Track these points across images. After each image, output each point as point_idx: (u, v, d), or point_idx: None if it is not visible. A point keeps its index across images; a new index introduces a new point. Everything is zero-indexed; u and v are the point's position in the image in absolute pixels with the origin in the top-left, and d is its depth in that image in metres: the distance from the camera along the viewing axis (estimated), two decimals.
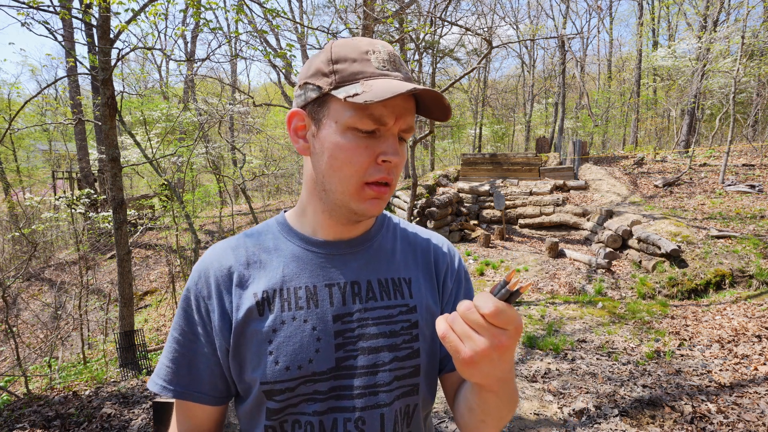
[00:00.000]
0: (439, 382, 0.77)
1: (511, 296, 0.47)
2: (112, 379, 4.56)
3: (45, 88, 5.72)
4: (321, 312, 0.67)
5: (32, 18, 5.00)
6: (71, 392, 4.09)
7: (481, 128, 20.97)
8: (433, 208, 9.41)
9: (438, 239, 0.80)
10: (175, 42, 16.50)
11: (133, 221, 12.08)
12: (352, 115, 0.61)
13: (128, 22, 4.53)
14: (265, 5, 5.41)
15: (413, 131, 0.66)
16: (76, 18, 4.96)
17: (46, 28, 5.12)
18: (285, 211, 0.78)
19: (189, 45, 17.45)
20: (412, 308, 0.71)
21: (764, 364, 3.72)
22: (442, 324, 0.50)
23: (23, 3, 4.31)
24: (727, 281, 5.95)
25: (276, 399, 0.65)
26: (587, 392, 3.44)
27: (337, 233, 0.72)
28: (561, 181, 10.81)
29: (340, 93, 0.60)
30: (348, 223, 0.71)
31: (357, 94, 0.58)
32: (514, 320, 0.47)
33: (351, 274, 0.70)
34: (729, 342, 4.27)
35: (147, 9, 4.73)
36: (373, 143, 0.62)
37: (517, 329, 0.48)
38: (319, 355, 0.66)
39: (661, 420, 3.02)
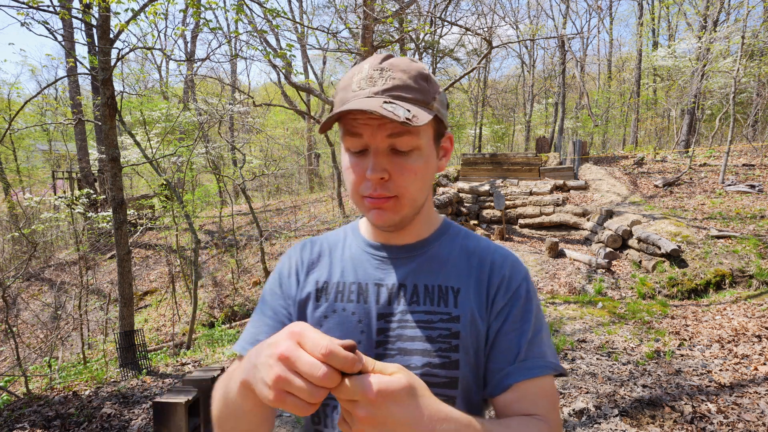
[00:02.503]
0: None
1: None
2: (112, 379, 4.56)
3: (45, 88, 5.73)
4: (367, 308, 0.73)
5: (32, 18, 5.00)
6: (71, 392, 4.09)
7: (481, 128, 20.98)
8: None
9: (502, 254, 0.77)
10: (175, 42, 16.51)
11: (133, 221, 12.07)
12: (342, 136, 0.67)
13: (128, 21, 4.53)
14: (265, 5, 5.41)
15: (411, 137, 0.65)
16: (76, 18, 4.96)
17: (46, 28, 5.12)
18: (360, 217, 0.85)
19: (189, 45, 17.45)
20: (455, 318, 0.70)
21: (764, 364, 3.72)
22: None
23: (23, 3, 4.31)
24: (727, 281, 5.95)
25: None
26: (587, 392, 3.44)
27: (387, 238, 0.78)
28: (561, 181, 10.81)
29: (324, 124, 0.66)
30: (386, 230, 0.75)
31: (327, 120, 0.65)
32: (360, 389, 0.45)
33: (399, 277, 0.74)
34: (729, 342, 4.27)
35: (147, 9, 4.73)
36: (363, 161, 0.67)
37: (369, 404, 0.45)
38: (361, 347, 0.70)
39: (661, 420, 3.02)
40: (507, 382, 0.67)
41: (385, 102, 0.61)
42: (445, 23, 10.93)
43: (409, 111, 0.61)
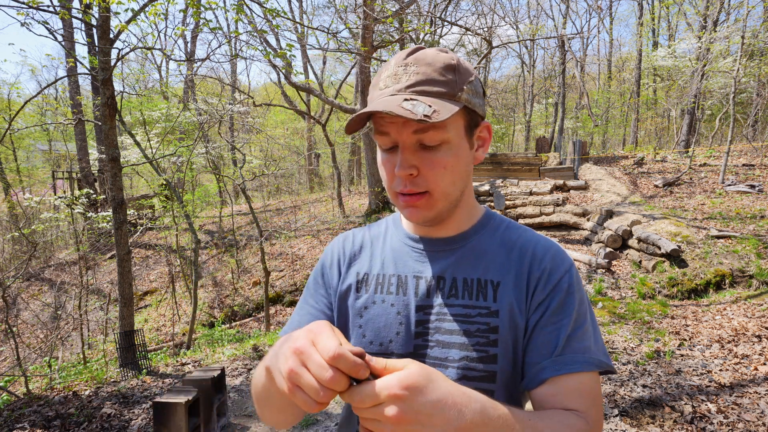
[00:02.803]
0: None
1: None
2: (112, 379, 4.56)
3: (45, 88, 5.74)
4: (406, 300, 0.74)
5: (32, 18, 5.00)
6: (71, 392, 4.09)
7: None
8: None
9: (545, 246, 0.74)
10: (175, 42, 16.52)
11: (133, 221, 12.07)
12: (374, 135, 0.70)
13: (128, 22, 4.53)
14: (265, 5, 5.41)
15: (437, 131, 0.65)
16: (76, 18, 4.96)
17: (46, 28, 5.12)
18: None
19: (189, 45, 17.45)
20: (494, 312, 0.69)
21: (764, 364, 3.72)
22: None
23: (23, 3, 4.31)
24: (727, 281, 5.95)
25: None
26: None
27: (426, 231, 0.78)
28: (561, 181, 10.81)
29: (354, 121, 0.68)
30: (424, 224, 0.76)
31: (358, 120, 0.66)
32: (373, 394, 0.45)
33: (438, 270, 0.74)
34: (729, 342, 4.27)
35: (147, 9, 4.73)
36: (393, 158, 0.68)
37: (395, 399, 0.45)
38: (399, 337, 0.72)
39: (661, 420, 3.01)
40: (542, 376, 0.66)
41: (406, 99, 0.62)
42: (445, 23, 10.93)
43: (430, 107, 0.61)
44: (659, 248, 6.56)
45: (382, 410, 0.44)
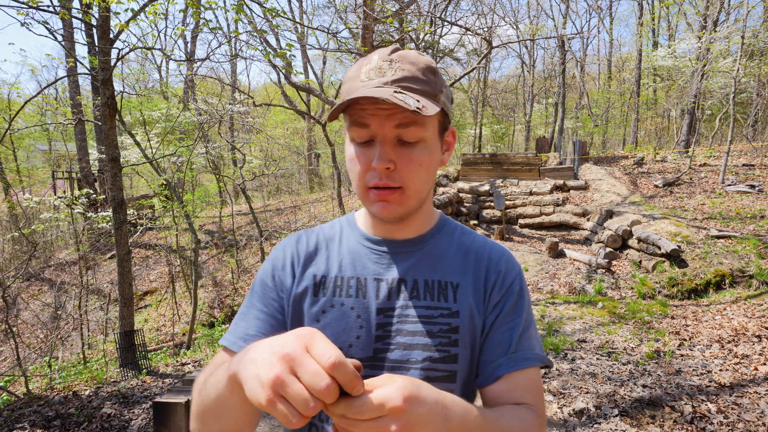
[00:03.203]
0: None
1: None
2: (112, 379, 4.56)
3: (45, 88, 5.73)
4: (367, 303, 0.72)
5: (32, 18, 5.00)
6: (71, 392, 4.09)
7: (481, 128, 20.97)
8: None
9: (498, 251, 0.78)
10: (175, 42, 16.50)
11: (133, 221, 12.07)
12: (348, 127, 0.68)
13: (128, 21, 4.53)
14: (265, 5, 5.41)
15: (418, 128, 0.65)
16: (76, 18, 4.96)
17: (46, 28, 5.12)
18: (356, 210, 0.86)
19: (189, 45, 17.44)
20: (455, 313, 0.71)
21: (764, 364, 3.72)
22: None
23: (23, 3, 4.31)
24: (727, 281, 5.95)
25: None
26: (587, 392, 3.44)
27: (386, 232, 0.77)
28: (561, 181, 10.81)
29: (332, 113, 0.66)
30: (388, 224, 0.75)
31: (334, 110, 0.65)
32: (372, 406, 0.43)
33: (399, 272, 0.74)
34: (729, 342, 4.27)
35: (147, 9, 4.73)
36: (369, 151, 0.67)
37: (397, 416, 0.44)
38: (360, 341, 0.71)
39: (661, 420, 3.01)
40: (498, 372, 0.69)
41: (396, 92, 0.62)
42: (445, 23, 10.93)
43: (418, 101, 0.62)
44: (659, 248, 6.56)
45: (383, 424, 0.43)
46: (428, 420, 0.47)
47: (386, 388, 0.45)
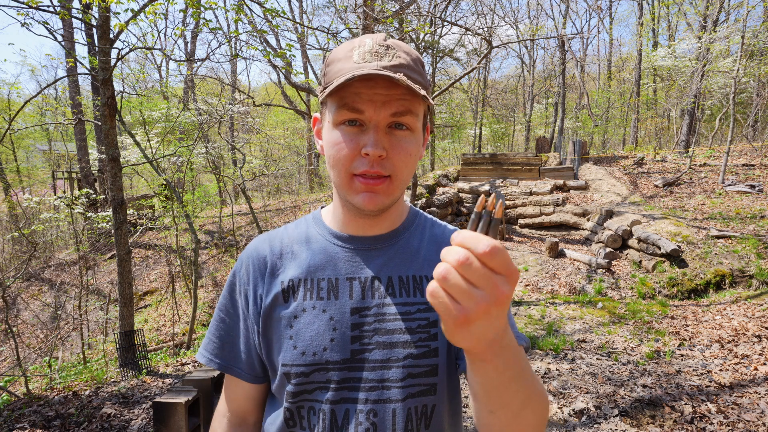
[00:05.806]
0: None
1: (490, 226, 0.40)
2: (112, 379, 4.56)
3: (45, 88, 5.73)
4: (340, 304, 0.71)
5: (32, 18, 5.00)
6: (71, 392, 4.09)
7: (481, 128, 20.96)
8: (433, 208, 9.41)
9: None
10: (175, 42, 16.51)
11: (133, 221, 12.07)
12: (335, 111, 0.65)
13: (128, 22, 4.53)
14: (265, 5, 5.41)
15: (412, 117, 0.65)
16: (76, 18, 4.96)
17: (46, 28, 5.12)
18: (322, 207, 0.82)
19: (189, 45, 17.44)
20: (431, 307, 0.70)
21: (764, 364, 3.72)
22: (432, 283, 0.42)
23: (23, 3, 4.30)
24: (727, 281, 5.95)
25: (293, 383, 0.69)
26: (587, 392, 3.44)
27: (359, 228, 0.74)
28: (561, 181, 10.81)
29: (324, 93, 0.64)
30: (364, 218, 0.72)
31: (326, 89, 0.63)
32: (509, 261, 0.40)
33: (373, 270, 0.72)
34: (729, 342, 4.27)
35: (147, 9, 4.73)
36: (358, 136, 0.64)
37: (512, 274, 0.41)
38: (334, 344, 0.69)
39: (661, 420, 3.01)
40: None
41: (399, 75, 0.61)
42: (445, 23, 10.94)
43: (420, 90, 0.62)
44: (659, 248, 6.56)
45: (499, 280, 0.40)
46: (504, 311, 0.43)
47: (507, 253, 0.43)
